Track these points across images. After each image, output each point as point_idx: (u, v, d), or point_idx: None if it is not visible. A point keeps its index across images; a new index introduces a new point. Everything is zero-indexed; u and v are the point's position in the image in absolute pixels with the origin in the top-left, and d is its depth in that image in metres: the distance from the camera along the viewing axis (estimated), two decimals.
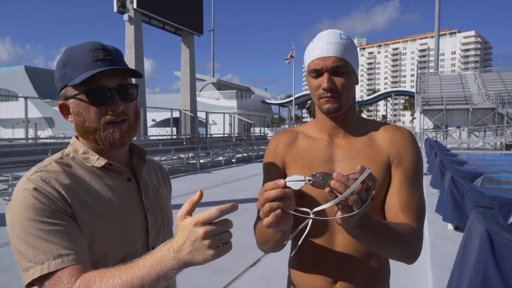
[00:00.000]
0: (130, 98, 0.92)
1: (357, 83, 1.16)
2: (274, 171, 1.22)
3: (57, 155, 0.92)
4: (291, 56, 36.52)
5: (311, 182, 0.82)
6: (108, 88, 0.87)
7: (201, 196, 0.74)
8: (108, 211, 0.88)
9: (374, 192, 0.82)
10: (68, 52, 0.90)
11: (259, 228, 1.11)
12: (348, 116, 1.16)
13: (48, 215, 0.77)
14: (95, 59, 0.87)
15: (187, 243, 0.70)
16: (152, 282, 0.71)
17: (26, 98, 10.19)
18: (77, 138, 0.96)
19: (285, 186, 0.82)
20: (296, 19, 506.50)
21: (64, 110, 0.93)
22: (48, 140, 14.37)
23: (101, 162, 0.91)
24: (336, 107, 1.10)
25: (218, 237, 0.71)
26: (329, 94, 1.08)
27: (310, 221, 0.92)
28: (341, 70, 1.08)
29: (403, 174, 1.10)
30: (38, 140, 12.61)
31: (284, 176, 1.20)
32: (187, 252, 0.70)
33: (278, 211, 0.83)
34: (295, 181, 0.82)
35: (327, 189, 0.79)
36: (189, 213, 0.73)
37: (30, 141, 11.37)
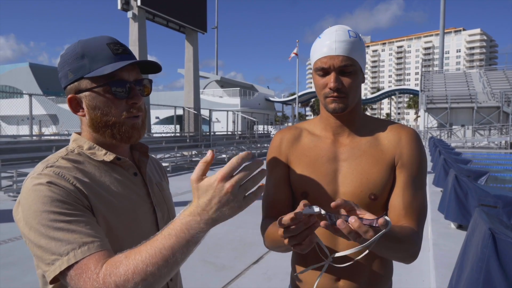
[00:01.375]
0: (145, 93, 0.93)
1: (363, 81, 1.15)
2: (278, 170, 1.21)
3: (62, 151, 0.90)
4: (295, 54, 36.41)
5: (328, 218, 0.83)
6: (128, 81, 0.87)
7: (213, 156, 0.75)
8: (121, 204, 0.87)
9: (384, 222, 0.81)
10: (83, 44, 0.87)
11: (271, 237, 1.08)
12: (353, 114, 1.15)
13: (66, 206, 0.76)
14: (115, 52, 0.86)
15: (213, 201, 0.70)
16: (183, 248, 0.70)
17: (30, 95, 10.24)
18: (78, 134, 0.94)
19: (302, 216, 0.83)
20: (299, 17, 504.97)
21: (74, 104, 0.89)
22: (52, 137, 14.44)
23: (110, 156, 0.90)
24: (342, 107, 1.09)
25: (244, 187, 0.71)
26: (335, 94, 1.07)
27: (327, 265, 1.00)
28: (349, 69, 1.06)
29: (407, 176, 1.10)
30: (43, 137, 12.68)
31: (288, 175, 1.20)
32: (214, 211, 0.70)
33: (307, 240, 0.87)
34: (312, 212, 0.84)
35: (346, 230, 0.80)
36: (204, 173, 0.73)
37: (34, 138, 11.44)
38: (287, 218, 0.82)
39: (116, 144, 0.92)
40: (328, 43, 1.07)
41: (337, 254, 0.94)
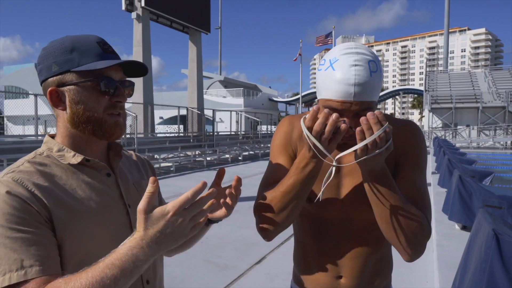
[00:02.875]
0: (128, 94, 0.93)
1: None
2: (284, 158, 1.13)
3: (30, 155, 0.88)
4: (299, 54, 36.39)
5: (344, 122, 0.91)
6: (114, 80, 0.88)
7: (195, 191, 0.74)
8: (87, 209, 0.85)
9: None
10: (73, 39, 0.87)
11: (283, 189, 1.01)
12: None
13: (17, 221, 0.73)
14: (106, 51, 0.88)
15: (164, 233, 0.72)
16: (126, 279, 0.71)
17: (36, 95, 10.31)
18: (51, 137, 0.93)
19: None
20: (302, 17, 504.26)
21: (54, 98, 0.87)
22: None
23: (77, 158, 0.88)
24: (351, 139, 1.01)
25: (193, 219, 0.75)
26: (347, 136, 0.95)
27: (334, 169, 0.98)
28: (366, 111, 0.91)
29: (409, 168, 1.06)
30: None
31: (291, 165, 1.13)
32: (163, 241, 0.72)
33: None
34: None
35: (358, 128, 0.88)
36: (151, 205, 0.73)
37: (39, 137, 11.51)
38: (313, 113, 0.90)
39: (95, 140, 0.91)
40: (345, 84, 0.91)
41: (340, 155, 0.94)
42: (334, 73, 0.93)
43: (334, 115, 0.88)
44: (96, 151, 0.94)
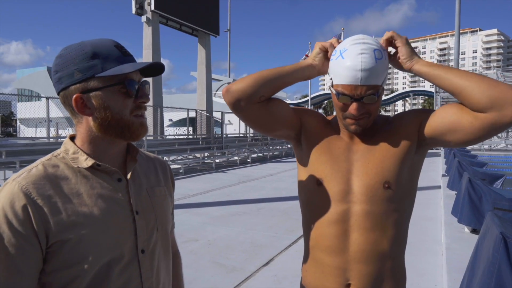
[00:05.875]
0: (148, 94, 0.96)
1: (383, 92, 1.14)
2: (290, 110, 1.22)
3: (47, 156, 0.91)
4: (307, 56, 36.30)
5: None
6: (137, 82, 0.91)
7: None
8: (89, 214, 0.86)
9: None
10: (91, 45, 0.88)
11: (280, 69, 1.16)
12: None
13: (9, 234, 0.79)
14: (125, 54, 0.90)
15: None
16: None
17: (48, 98, 10.48)
18: (70, 139, 0.94)
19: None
20: (309, 18, 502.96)
21: (79, 104, 0.87)
22: None
23: (88, 162, 0.89)
24: (361, 129, 1.10)
25: None
26: (357, 118, 1.08)
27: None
28: (373, 96, 1.05)
29: (428, 117, 1.11)
30: (59, 139, 12.95)
31: (290, 118, 1.22)
32: None
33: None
34: None
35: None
36: None
37: (51, 140, 11.69)
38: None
39: (118, 142, 0.93)
40: (353, 71, 1.02)
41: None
42: (343, 61, 1.04)
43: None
44: (115, 154, 0.96)
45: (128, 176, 0.96)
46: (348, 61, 1.03)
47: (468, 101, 0.98)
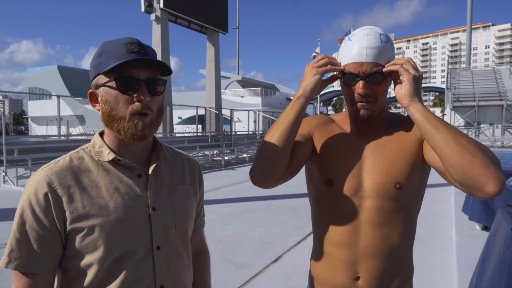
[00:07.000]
0: (157, 92, 0.93)
1: (391, 83, 1.15)
2: (299, 134, 1.18)
3: (77, 149, 0.97)
4: (317, 53, 36.13)
5: None
6: (137, 79, 0.89)
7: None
8: (105, 206, 0.89)
9: None
10: (105, 44, 0.93)
11: (282, 115, 1.13)
12: (380, 113, 1.17)
13: (31, 219, 0.86)
14: (129, 51, 0.89)
15: None
16: None
17: (58, 96, 10.62)
18: (100, 134, 0.98)
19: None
20: (317, 15, 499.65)
21: (93, 99, 0.95)
22: (79, 137, 14.90)
23: (110, 156, 0.93)
24: (370, 113, 1.11)
25: None
26: (364, 100, 1.09)
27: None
28: (379, 75, 1.07)
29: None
30: (70, 137, 13.13)
31: (303, 145, 1.19)
32: None
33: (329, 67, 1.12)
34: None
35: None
36: None
37: (62, 138, 11.85)
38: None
39: (125, 140, 0.93)
40: (359, 48, 1.07)
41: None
42: (351, 43, 1.10)
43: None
44: (137, 150, 0.97)
45: (149, 172, 0.97)
46: (355, 42, 1.09)
47: (446, 168, 0.97)
